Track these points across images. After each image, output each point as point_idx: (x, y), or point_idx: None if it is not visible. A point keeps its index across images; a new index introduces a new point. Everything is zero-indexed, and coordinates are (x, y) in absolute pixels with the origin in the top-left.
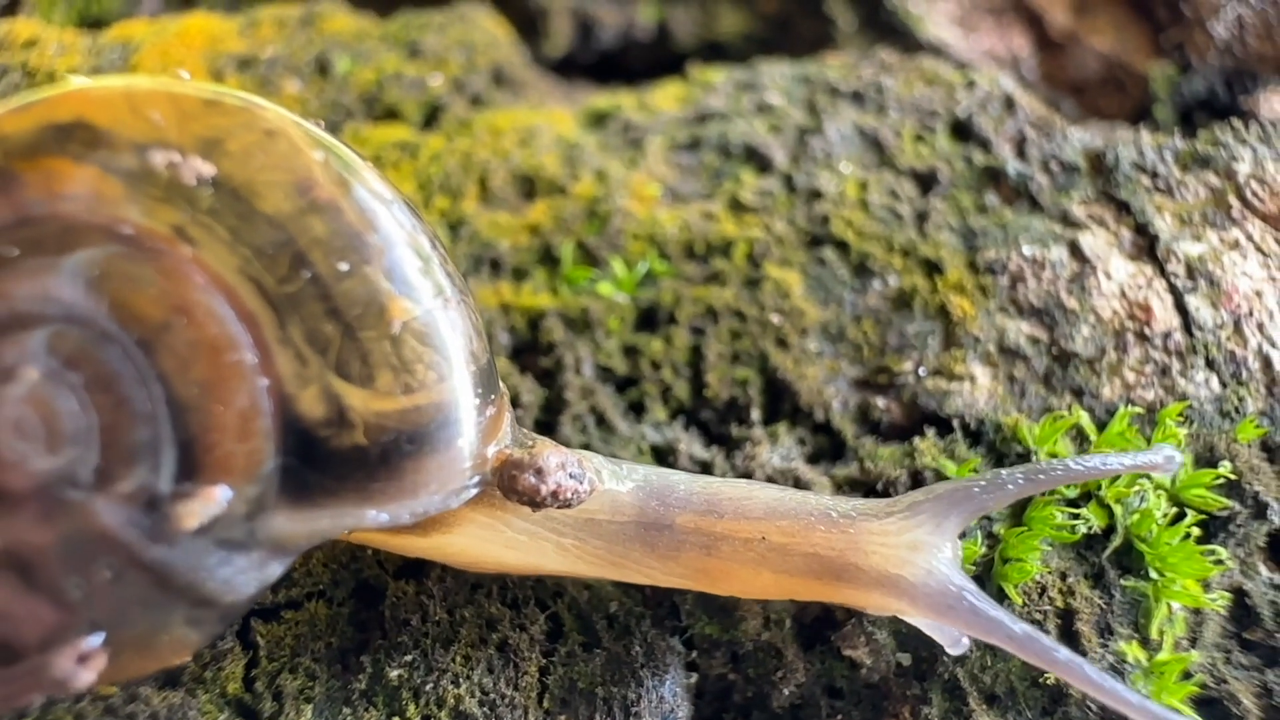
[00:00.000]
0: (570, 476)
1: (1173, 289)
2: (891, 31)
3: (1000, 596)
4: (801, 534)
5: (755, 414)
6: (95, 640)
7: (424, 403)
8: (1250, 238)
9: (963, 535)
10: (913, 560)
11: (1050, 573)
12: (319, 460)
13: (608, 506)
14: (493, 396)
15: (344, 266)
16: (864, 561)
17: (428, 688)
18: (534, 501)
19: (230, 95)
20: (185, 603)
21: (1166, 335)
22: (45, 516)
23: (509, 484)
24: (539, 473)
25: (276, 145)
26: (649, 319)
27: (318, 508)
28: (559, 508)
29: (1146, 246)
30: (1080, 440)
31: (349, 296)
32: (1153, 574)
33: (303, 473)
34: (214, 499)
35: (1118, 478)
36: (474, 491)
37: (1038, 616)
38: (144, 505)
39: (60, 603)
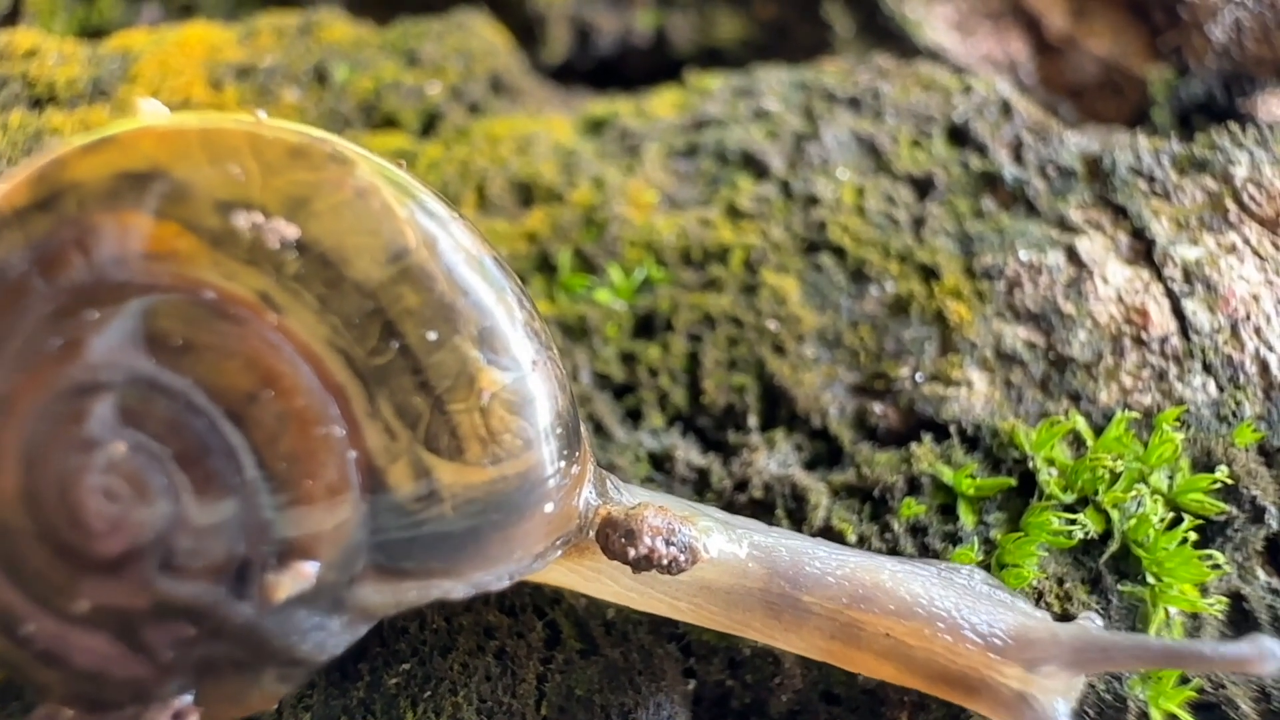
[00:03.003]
0: (668, 543)
1: (1170, 293)
2: (889, 36)
3: None
4: (929, 640)
5: (752, 420)
6: (188, 698)
7: (511, 472)
8: (1247, 241)
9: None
10: (1024, 692)
11: (1047, 578)
12: (406, 533)
13: (726, 575)
14: (576, 454)
15: (433, 337)
16: (980, 679)
17: (426, 695)
18: (627, 563)
19: (317, 142)
20: (276, 663)
21: (1163, 340)
22: (138, 582)
23: (603, 543)
24: (630, 535)
25: (368, 205)
26: (646, 326)
27: (405, 579)
28: (660, 572)
29: (1143, 251)
30: (1077, 445)
31: (439, 369)
32: (1150, 579)
33: (390, 545)
34: (304, 574)
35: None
36: (559, 552)
37: None
38: (235, 575)
39: (154, 660)
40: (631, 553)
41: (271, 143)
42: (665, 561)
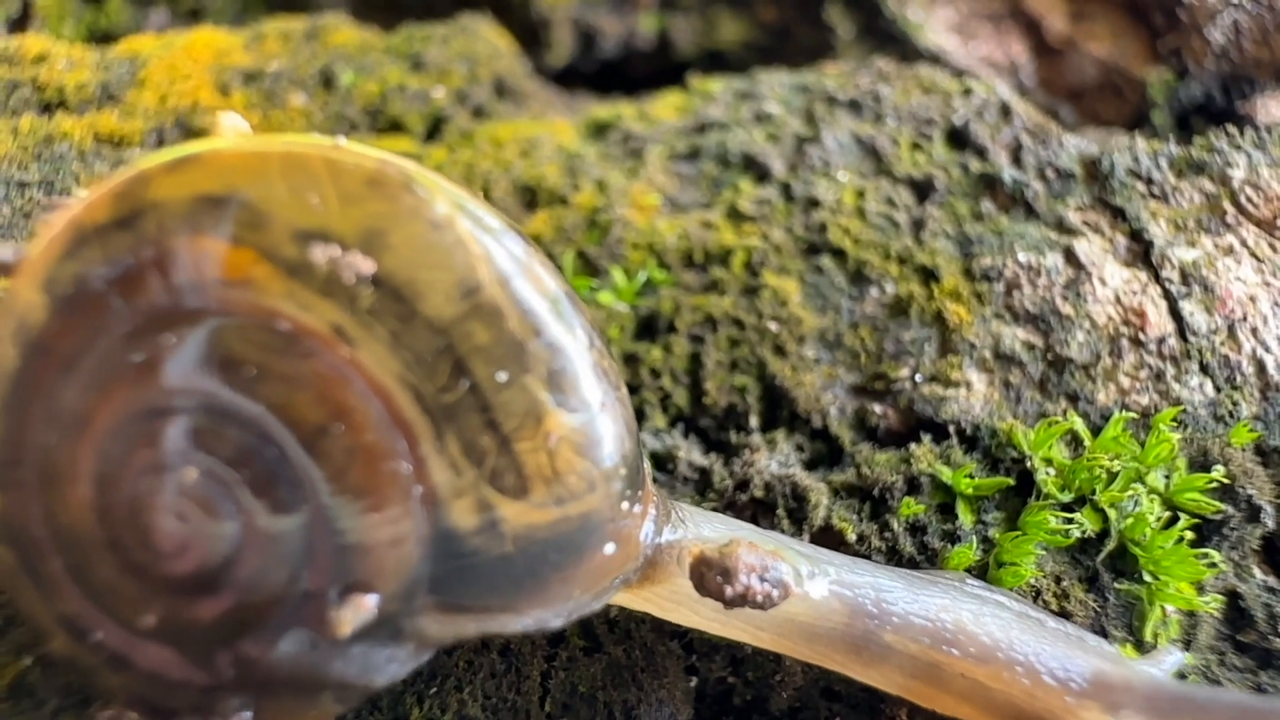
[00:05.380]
0: (762, 580)
1: (1167, 294)
2: (890, 39)
3: None
4: (1008, 684)
5: (753, 421)
6: (247, 714)
7: (574, 513)
8: (1244, 243)
9: None
10: None
11: (1045, 576)
12: (467, 569)
13: (810, 609)
14: (639, 493)
15: (503, 376)
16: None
17: (431, 692)
18: (722, 600)
19: (394, 170)
20: (334, 686)
21: (1161, 340)
22: (203, 602)
23: (698, 581)
24: (726, 573)
25: (442, 239)
26: (648, 327)
27: (464, 613)
28: (751, 608)
29: (1141, 252)
30: (1075, 445)
31: (507, 408)
32: (1147, 577)
33: (451, 580)
34: (365, 606)
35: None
36: (618, 590)
37: None
38: (299, 601)
39: (216, 676)
40: (729, 591)
41: (350, 170)
42: (759, 598)
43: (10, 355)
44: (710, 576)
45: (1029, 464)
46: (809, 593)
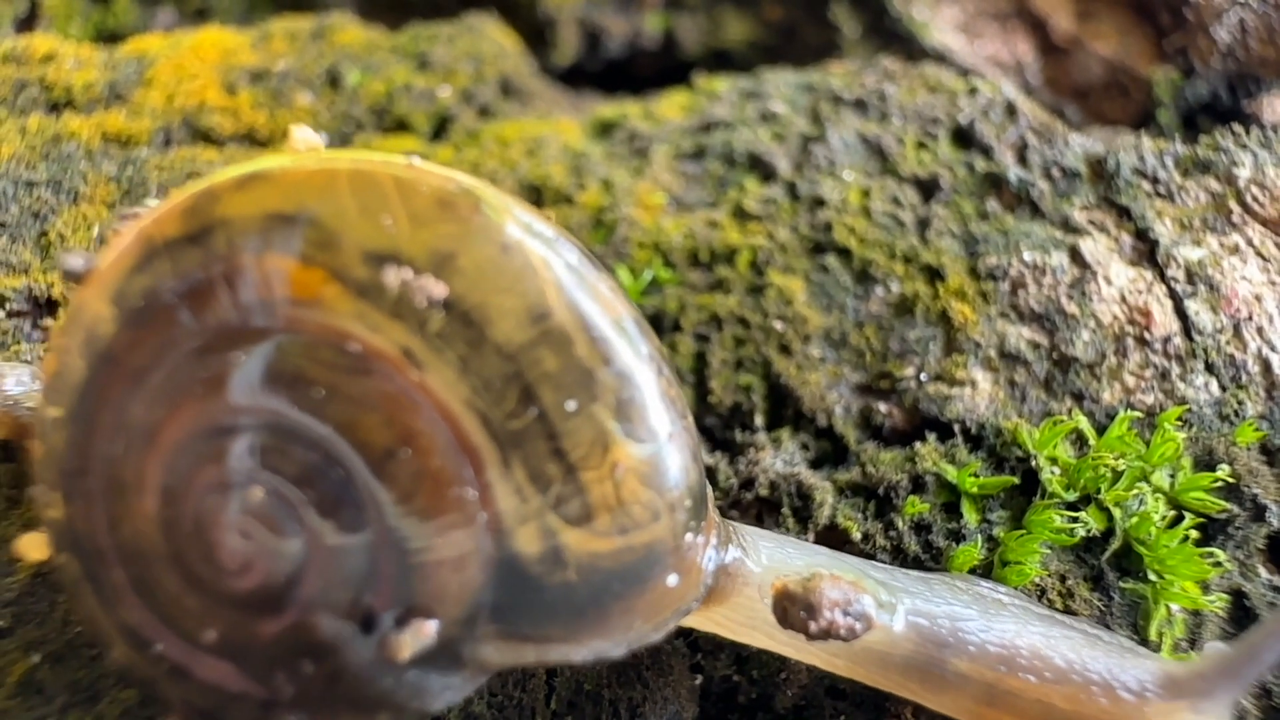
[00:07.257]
0: (845, 614)
1: (1172, 294)
2: (896, 38)
3: None
4: (1084, 703)
5: (759, 420)
6: None
7: (637, 543)
8: (1250, 242)
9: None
10: None
11: (1049, 575)
12: (529, 596)
13: (886, 640)
14: (702, 524)
15: (571, 405)
16: None
17: None
18: (806, 634)
19: (464, 192)
20: (390, 707)
21: (1166, 340)
22: (265, 620)
23: (781, 615)
24: (810, 609)
25: (511, 263)
26: (654, 326)
27: (525, 640)
28: (834, 640)
29: (1147, 251)
30: (1080, 444)
31: (574, 437)
32: (1152, 576)
33: (512, 607)
34: (426, 632)
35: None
36: (679, 620)
37: None
38: (360, 623)
39: (274, 693)
40: (813, 626)
41: (420, 190)
42: (843, 632)
43: (79, 366)
44: (794, 611)
45: (1034, 463)
46: (891, 625)
